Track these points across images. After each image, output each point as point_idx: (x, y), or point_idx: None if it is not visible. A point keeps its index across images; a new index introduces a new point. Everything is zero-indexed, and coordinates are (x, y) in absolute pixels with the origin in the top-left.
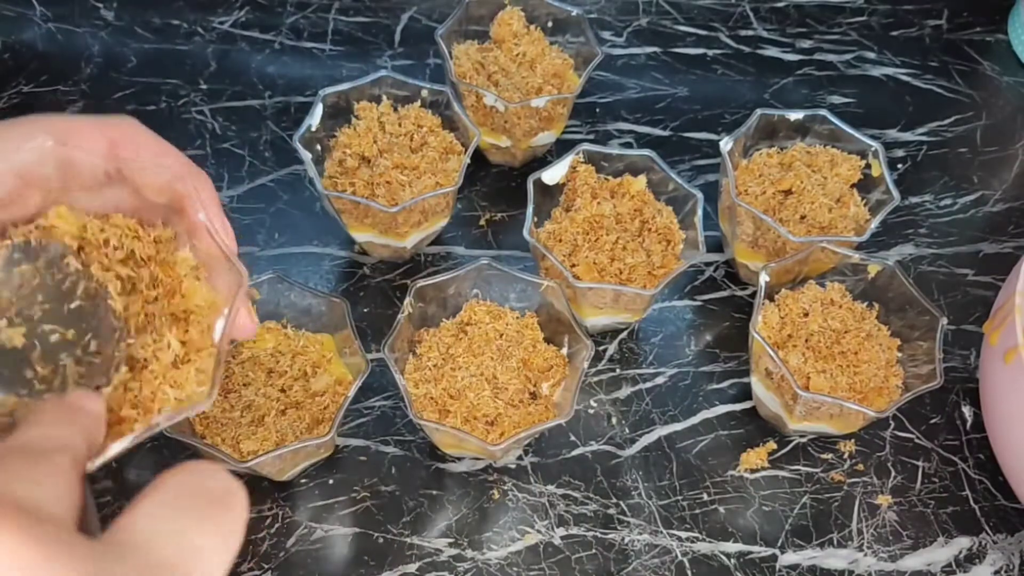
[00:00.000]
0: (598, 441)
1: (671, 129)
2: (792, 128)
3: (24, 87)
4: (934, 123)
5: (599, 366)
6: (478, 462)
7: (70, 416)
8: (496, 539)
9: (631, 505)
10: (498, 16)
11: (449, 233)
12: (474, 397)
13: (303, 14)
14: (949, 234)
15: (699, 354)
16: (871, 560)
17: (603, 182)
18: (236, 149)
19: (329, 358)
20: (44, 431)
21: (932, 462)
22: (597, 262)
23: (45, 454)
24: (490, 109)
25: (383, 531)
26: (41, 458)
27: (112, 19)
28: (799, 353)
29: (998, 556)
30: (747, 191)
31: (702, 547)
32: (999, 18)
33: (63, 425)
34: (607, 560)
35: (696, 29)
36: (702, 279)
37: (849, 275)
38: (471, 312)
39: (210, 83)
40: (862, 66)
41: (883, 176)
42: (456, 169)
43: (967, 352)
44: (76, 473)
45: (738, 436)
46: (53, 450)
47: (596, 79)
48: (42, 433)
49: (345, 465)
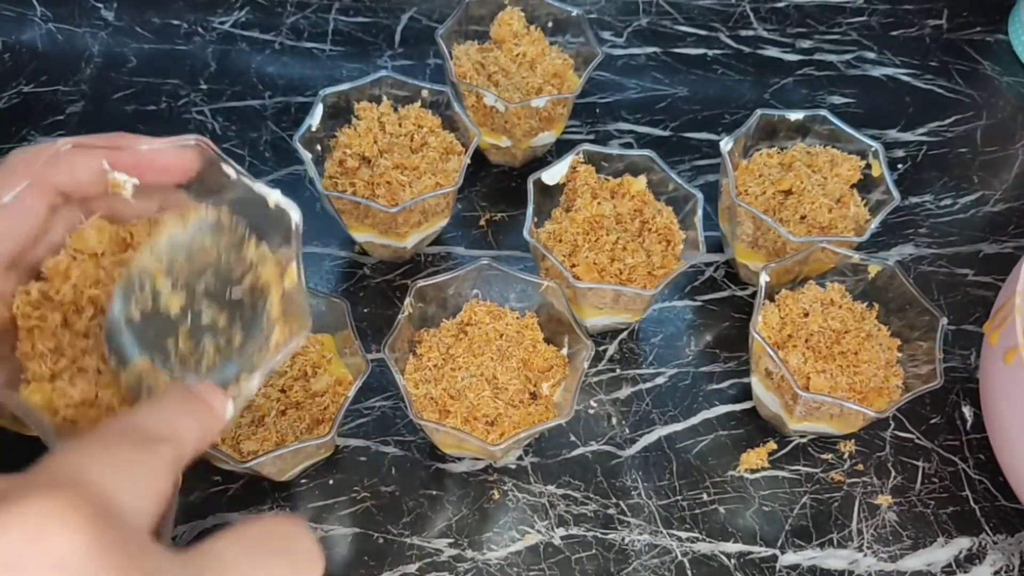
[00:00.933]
0: (598, 441)
1: (671, 129)
2: (792, 128)
3: (24, 87)
4: (934, 123)
5: (599, 366)
6: (478, 462)
7: (193, 407)
8: (496, 539)
9: (631, 505)
10: (498, 16)
11: (449, 233)
12: (474, 397)
13: (303, 14)
14: (949, 234)
15: (699, 354)
16: (871, 560)
17: (603, 182)
18: (236, 149)
19: (329, 358)
20: (161, 416)
21: (932, 462)
22: (597, 262)
23: (151, 443)
24: (490, 109)
25: (383, 531)
26: (146, 447)
27: (112, 19)
28: (799, 353)
29: (998, 556)
30: (747, 191)
31: (702, 547)
32: (999, 18)
33: (182, 416)
34: (607, 560)
35: (696, 29)
36: (702, 279)
37: (849, 275)
38: (471, 312)
39: (210, 83)
40: (862, 66)
41: (883, 176)
42: (456, 169)
43: (967, 352)
44: (175, 469)
45: (738, 436)
46: (161, 439)
47: (596, 79)
48: (158, 419)
49: (345, 465)
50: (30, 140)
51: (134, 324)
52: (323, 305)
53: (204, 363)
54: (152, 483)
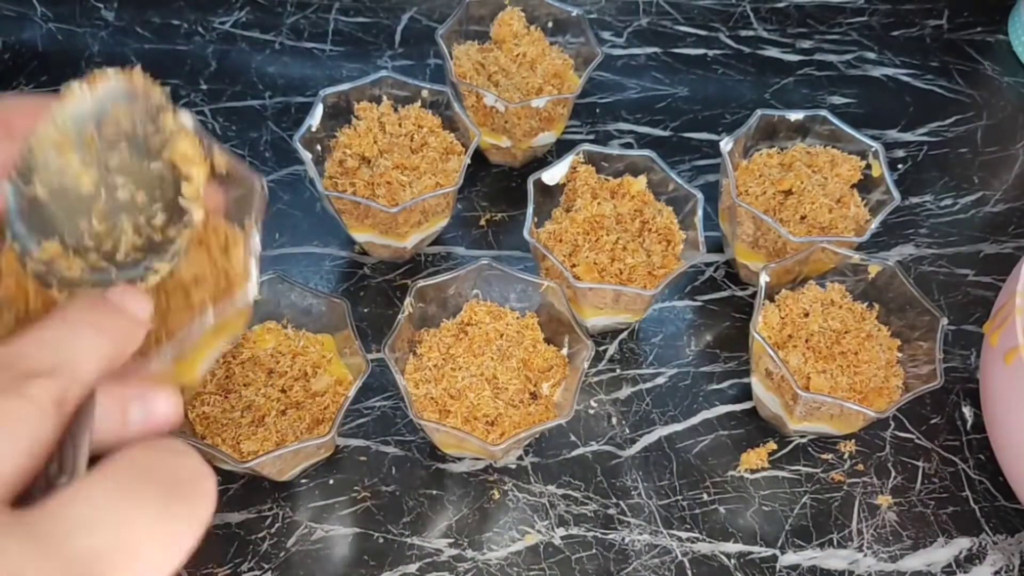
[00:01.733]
0: (598, 441)
1: (671, 129)
2: (792, 128)
3: (24, 87)
4: (934, 123)
5: (599, 366)
6: (478, 462)
7: (97, 319)
8: (496, 539)
9: (631, 505)
10: (498, 16)
11: (449, 233)
12: (474, 397)
13: (303, 14)
14: (949, 234)
15: (699, 354)
16: (871, 560)
17: (603, 182)
18: (236, 150)
19: (329, 358)
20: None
21: (932, 462)
22: (597, 262)
23: (20, 382)
24: (490, 109)
25: (383, 531)
26: (11, 390)
27: (112, 19)
28: (799, 353)
29: (998, 557)
30: (747, 191)
31: (702, 547)
32: (999, 18)
33: (79, 335)
34: (607, 560)
35: (696, 29)
36: (702, 279)
37: (849, 275)
38: (471, 312)
39: (210, 83)
40: (862, 66)
41: (883, 176)
42: (456, 169)
43: (967, 352)
44: (59, 408)
45: (738, 436)
46: (38, 374)
47: (596, 79)
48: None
49: (345, 465)
50: None
51: (39, 204)
52: (323, 305)
53: (123, 246)
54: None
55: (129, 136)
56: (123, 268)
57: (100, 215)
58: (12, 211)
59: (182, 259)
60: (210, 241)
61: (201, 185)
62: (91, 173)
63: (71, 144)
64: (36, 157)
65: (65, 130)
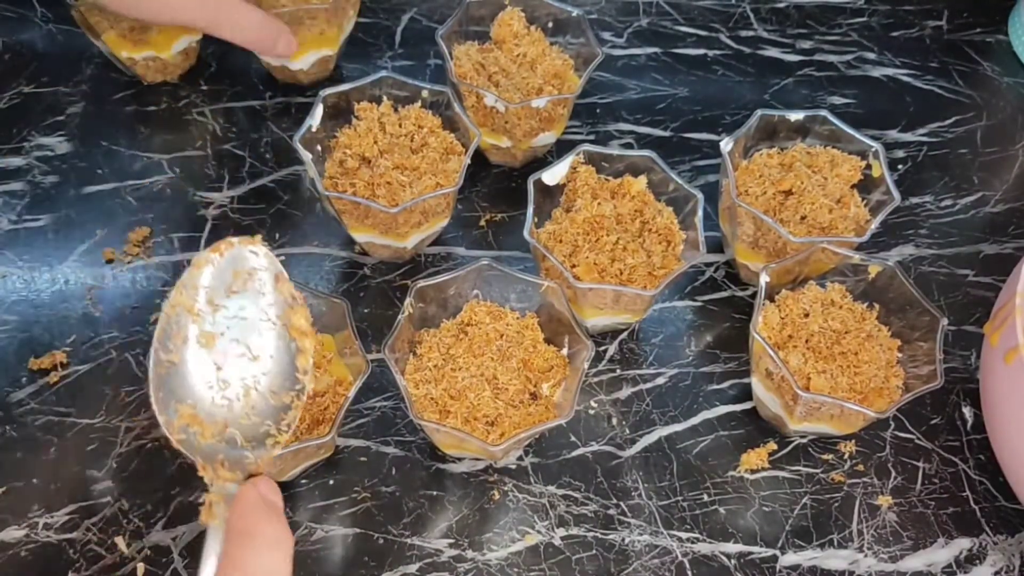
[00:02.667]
0: (598, 442)
1: (671, 130)
2: (792, 129)
3: (24, 87)
4: (934, 124)
5: (599, 366)
6: (478, 463)
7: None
8: (496, 540)
9: (631, 506)
10: (498, 17)
11: (449, 234)
12: (474, 398)
13: None
14: (949, 235)
15: (699, 355)
16: (871, 561)
17: (603, 183)
18: (236, 150)
19: (329, 358)
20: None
21: (932, 463)
22: (597, 263)
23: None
24: (490, 110)
25: (383, 532)
26: None
27: None
28: (799, 354)
29: (998, 557)
30: (747, 191)
31: (702, 548)
32: (999, 18)
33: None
34: (607, 561)
35: (696, 30)
36: (702, 280)
37: (849, 276)
38: (471, 313)
39: (210, 83)
40: (862, 67)
41: (883, 177)
42: (456, 170)
43: (967, 353)
44: None
45: (738, 437)
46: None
47: (596, 80)
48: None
49: (345, 466)
50: (30, 140)
51: (175, 369)
52: (323, 305)
53: (243, 409)
54: None
55: (251, 301)
56: (246, 434)
57: (223, 380)
58: (151, 379)
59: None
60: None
61: (311, 356)
62: (217, 338)
63: (200, 311)
64: (171, 324)
65: (195, 297)
